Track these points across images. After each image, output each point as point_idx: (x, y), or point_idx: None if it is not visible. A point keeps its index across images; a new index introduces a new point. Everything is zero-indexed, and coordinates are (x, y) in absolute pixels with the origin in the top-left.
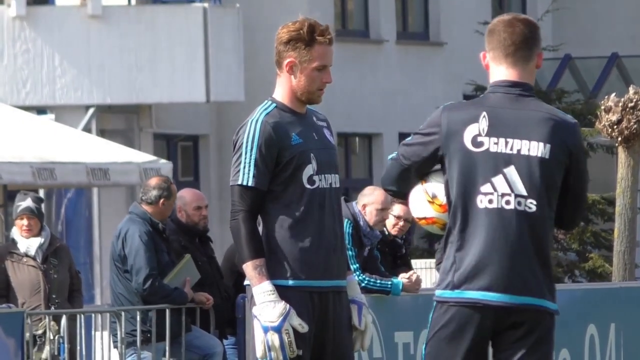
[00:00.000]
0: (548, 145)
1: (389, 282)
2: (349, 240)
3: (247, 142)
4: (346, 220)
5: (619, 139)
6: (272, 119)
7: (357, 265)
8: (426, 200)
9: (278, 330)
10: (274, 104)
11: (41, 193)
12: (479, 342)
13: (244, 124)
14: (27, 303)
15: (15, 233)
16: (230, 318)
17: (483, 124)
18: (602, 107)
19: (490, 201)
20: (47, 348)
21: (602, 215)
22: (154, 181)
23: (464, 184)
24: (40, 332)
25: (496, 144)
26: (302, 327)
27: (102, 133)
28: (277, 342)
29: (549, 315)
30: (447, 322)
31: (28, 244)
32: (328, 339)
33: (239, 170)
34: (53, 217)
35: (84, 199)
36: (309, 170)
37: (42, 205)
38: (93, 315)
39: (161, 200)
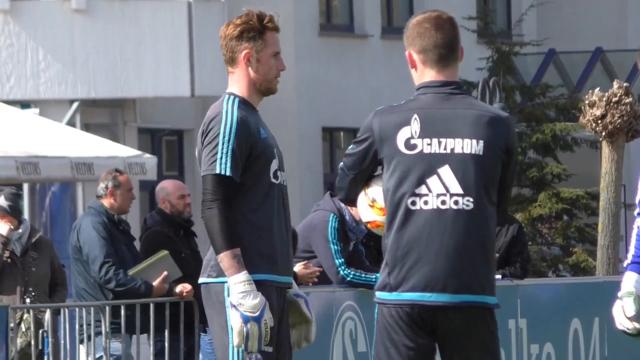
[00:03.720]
0: (481, 142)
1: (373, 277)
2: (335, 234)
3: (224, 132)
4: (331, 214)
5: (603, 133)
6: (244, 112)
7: (342, 259)
8: (367, 205)
9: (258, 320)
10: (238, 98)
11: (25, 187)
12: (422, 342)
13: (216, 115)
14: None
15: None
16: None
17: (415, 126)
18: (586, 102)
19: (426, 202)
20: (19, 340)
21: (586, 210)
22: (102, 175)
23: (399, 187)
24: (13, 324)
25: (429, 144)
26: (271, 322)
27: (87, 127)
28: (256, 332)
29: (488, 311)
30: (388, 324)
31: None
32: (280, 335)
33: (215, 160)
34: (37, 212)
35: (69, 193)
36: (274, 165)
37: (19, 201)
38: (77, 309)
39: (109, 190)
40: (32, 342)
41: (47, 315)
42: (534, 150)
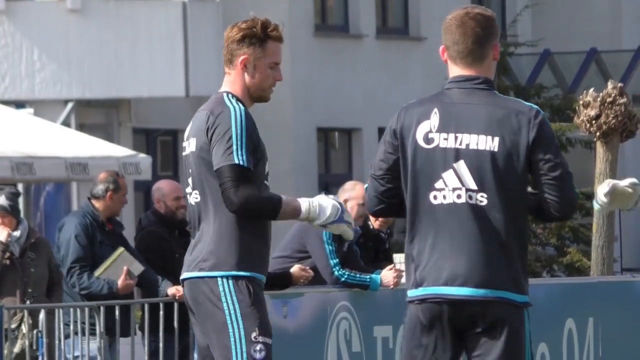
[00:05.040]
0: (497, 139)
1: (368, 277)
2: (329, 235)
3: (235, 126)
4: None
5: (597, 134)
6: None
7: (337, 260)
8: None
9: (341, 220)
10: (236, 97)
11: (20, 187)
12: (448, 337)
13: (221, 111)
14: (5, 294)
15: None
16: None
17: (434, 120)
18: (581, 102)
19: (445, 197)
20: (19, 342)
21: (580, 210)
22: (102, 175)
23: (416, 182)
24: (14, 325)
25: (446, 139)
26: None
27: (81, 127)
28: (344, 227)
29: (514, 307)
30: (415, 319)
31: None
32: None
33: (231, 152)
34: (32, 212)
35: (63, 193)
36: (266, 167)
37: (18, 201)
38: (72, 309)
39: (108, 194)
40: (27, 343)
41: (42, 316)
42: None
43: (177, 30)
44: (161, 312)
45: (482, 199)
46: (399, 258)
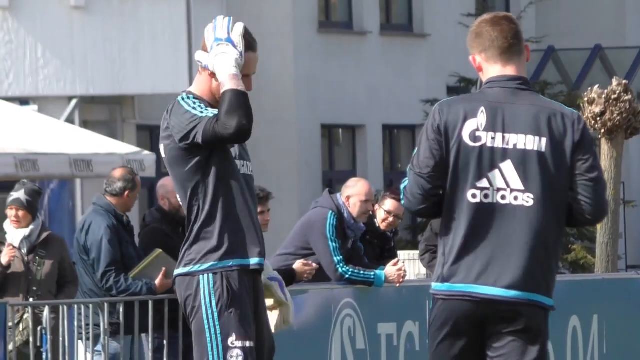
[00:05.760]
0: (544, 139)
1: (372, 274)
2: (333, 232)
3: (188, 105)
4: (330, 212)
5: (602, 130)
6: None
7: (341, 257)
8: None
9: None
10: (193, 95)
11: None
12: (471, 335)
13: (172, 106)
14: (9, 294)
15: (7, 223)
16: None
17: (481, 118)
18: (585, 99)
19: (486, 196)
20: (16, 339)
21: None
22: (118, 172)
23: (456, 178)
24: (15, 322)
25: (493, 138)
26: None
27: (85, 124)
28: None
29: (542, 310)
30: (439, 315)
31: (15, 234)
32: (258, 319)
33: (199, 118)
34: None
35: (67, 190)
36: (234, 151)
37: (38, 199)
38: (76, 306)
39: (126, 192)
40: (31, 340)
41: (46, 313)
42: None
43: (181, 26)
44: (166, 309)
45: (528, 199)
46: (403, 255)
